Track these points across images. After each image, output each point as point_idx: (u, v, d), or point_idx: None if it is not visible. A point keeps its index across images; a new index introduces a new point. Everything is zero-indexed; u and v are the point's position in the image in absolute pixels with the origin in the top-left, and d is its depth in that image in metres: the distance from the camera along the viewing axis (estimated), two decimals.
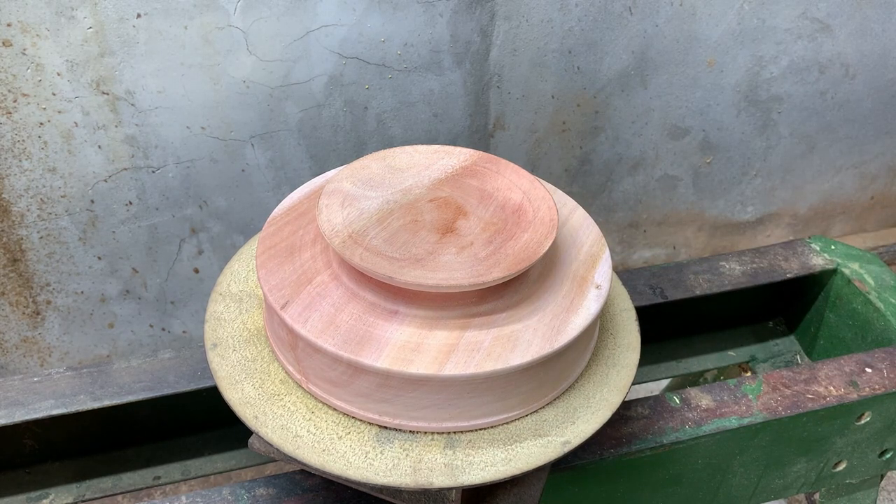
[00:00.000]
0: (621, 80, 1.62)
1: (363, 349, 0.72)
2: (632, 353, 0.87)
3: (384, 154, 0.88)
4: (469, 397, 0.73)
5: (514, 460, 0.74)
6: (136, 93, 1.34)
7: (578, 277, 0.81)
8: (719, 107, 1.72)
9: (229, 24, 1.32)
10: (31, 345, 1.57)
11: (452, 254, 0.75)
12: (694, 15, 1.57)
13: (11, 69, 1.26)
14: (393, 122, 1.52)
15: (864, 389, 0.99)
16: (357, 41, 1.40)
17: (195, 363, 0.99)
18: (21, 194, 1.38)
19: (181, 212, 1.49)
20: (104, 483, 1.05)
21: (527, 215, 0.81)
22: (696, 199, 1.88)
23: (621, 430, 0.92)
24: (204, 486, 1.49)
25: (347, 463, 0.72)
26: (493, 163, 0.88)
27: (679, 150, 1.77)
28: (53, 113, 1.32)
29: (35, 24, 1.23)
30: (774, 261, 1.23)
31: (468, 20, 1.44)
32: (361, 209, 0.80)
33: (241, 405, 0.77)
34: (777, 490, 1.06)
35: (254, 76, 1.38)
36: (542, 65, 1.55)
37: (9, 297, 1.49)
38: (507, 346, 0.73)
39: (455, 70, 1.49)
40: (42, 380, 0.97)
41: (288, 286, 0.77)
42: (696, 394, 0.98)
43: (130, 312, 1.59)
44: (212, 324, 0.84)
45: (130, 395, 0.96)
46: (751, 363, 1.31)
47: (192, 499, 0.84)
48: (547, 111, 1.61)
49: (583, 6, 1.49)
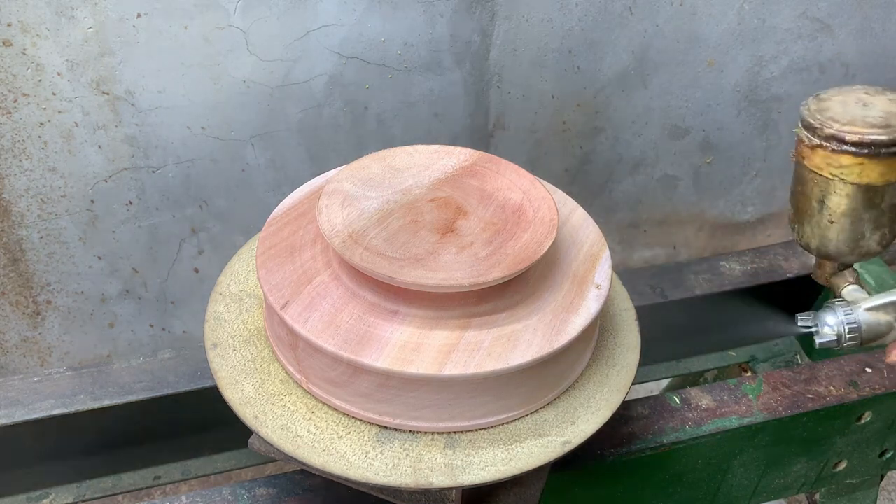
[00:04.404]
0: (621, 79, 1.62)
1: (363, 349, 0.72)
2: (632, 353, 0.87)
3: (384, 154, 0.88)
4: (469, 397, 0.73)
5: (514, 460, 0.74)
6: (136, 93, 1.34)
7: (578, 277, 0.81)
8: (719, 107, 1.72)
9: (229, 23, 1.32)
10: (31, 345, 1.57)
11: (452, 254, 0.75)
12: (694, 15, 1.57)
13: (11, 69, 1.26)
14: (393, 122, 1.52)
15: (864, 389, 0.99)
16: (357, 41, 1.40)
17: (195, 363, 0.99)
18: (21, 194, 1.38)
19: (181, 212, 1.49)
20: (104, 483, 1.05)
21: (527, 215, 0.81)
22: (696, 199, 1.88)
23: (621, 430, 0.92)
24: (204, 486, 1.49)
25: (347, 463, 0.72)
26: (494, 163, 0.88)
27: (679, 150, 1.77)
28: (53, 113, 1.32)
29: (35, 24, 1.23)
30: (774, 261, 1.23)
31: (468, 20, 1.44)
32: (361, 209, 0.80)
33: (241, 405, 0.77)
34: (777, 490, 1.06)
35: (254, 76, 1.38)
36: (542, 65, 1.55)
37: (9, 297, 1.49)
38: (508, 346, 0.73)
39: (455, 70, 1.49)
40: (42, 380, 0.97)
41: (288, 286, 0.77)
42: (696, 394, 0.98)
43: (130, 312, 1.59)
44: (212, 324, 0.84)
45: (130, 395, 0.96)
46: (751, 363, 1.31)
47: (192, 499, 0.84)
48: (547, 111, 1.61)
49: (583, 6, 1.49)
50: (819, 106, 0.70)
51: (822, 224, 0.72)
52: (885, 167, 0.67)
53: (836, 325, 0.72)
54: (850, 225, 0.71)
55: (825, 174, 0.69)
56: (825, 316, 0.73)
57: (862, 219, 0.70)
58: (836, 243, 0.73)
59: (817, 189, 0.71)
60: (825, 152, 0.69)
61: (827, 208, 0.71)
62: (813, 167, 0.70)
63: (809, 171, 0.71)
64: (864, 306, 0.71)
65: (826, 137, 0.68)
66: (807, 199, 0.72)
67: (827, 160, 0.69)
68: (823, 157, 0.69)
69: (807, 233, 0.74)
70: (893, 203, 0.70)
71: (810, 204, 0.72)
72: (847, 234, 0.71)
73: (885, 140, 0.66)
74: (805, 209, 0.73)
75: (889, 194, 0.69)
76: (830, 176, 0.69)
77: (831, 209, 0.70)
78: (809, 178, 0.71)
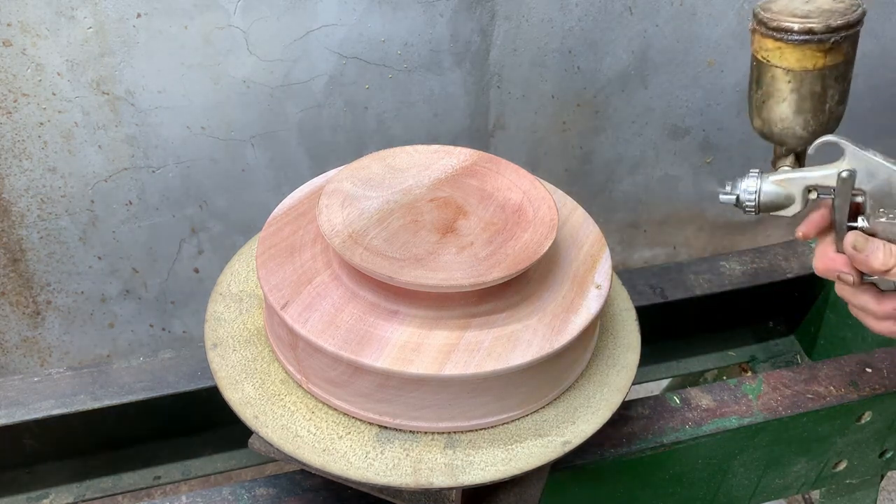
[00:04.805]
0: (621, 79, 1.62)
1: (363, 349, 0.72)
2: (632, 353, 0.87)
3: (384, 154, 0.88)
4: (469, 397, 0.74)
5: (514, 460, 0.74)
6: (136, 93, 1.34)
7: (578, 277, 0.81)
8: (719, 107, 1.72)
9: (229, 23, 1.32)
10: (31, 345, 1.57)
11: (452, 254, 0.75)
12: (694, 15, 1.57)
13: (11, 69, 1.26)
14: (393, 122, 1.52)
15: (865, 389, 0.99)
16: (357, 41, 1.40)
17: (195, 363, 0.99)
18: (21, 194, 1.38)
19: (181, 212, 1.49)
20: (104, 483, 1.05)
21: (527, 215, 0.81)
22: (696, 199, 1.88)
23: (621, 430, 0.92)
24: (204, 486, 1.49)
25: (348, 463, 0.72)
26: (494, 163, 0.88)
27: (679, 150, 1.77)
28: (53, 113, 1.32)
29: (35, 24, 1.23)
30: (774, 261, 1.23)
31: (468, 20, 1.44)
32: (362, 209, 0.80)
33: (241, 405, 0.77)
34: (777, 490, 1.06)
35: (254, 76, 1.38)
36: (542, 65, 1.55)
37: (9, 297, 1.49)
38: (507, 346, 0.73)
39: (455, 70, 1.49)
40: (42, 380, 0.97)
41: (288, 286, 0.77)
42: (696, 394, 0.98)
43: (130, 312, 1.59)
44: (212, 324, 0.84)
45: (130, 395, 0.96)
46: (751, 363, 1.31)
47: (192, 499, 0.84)
48: (547, 111, 1.61)
49: (583, 6, 1.49)
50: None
51: (757, 104, 0.81)
52: (801, 54, 0.75)
53: (740, 190, 0.79)
54: (776, 105, 0.79)
55: (759, 57, 0.78)
56: (737, 181, 0.80)
57: (785, 100, 0.78)
58: (768, 123, 0.81)
59: (755, 71, 0.79)
60: (758, 36, 0.77)
61: (760, 89, 0.79)
62: (753, 51, 0.79)
63: (752, 55, 0.79)
64: (771, 178, 0.78)
65: (759, 22, 0.76)
66: (750, 81, 0.81)
67: (759, 44, 0.77)
68: (758, 41, 0.77)
69: (751, 114, 0.82)
70: (814, 91, 0.77)
71: (752, 86, 0.81)
72: (774, 114, 0.80)
73: (798, 28, 0.74)
74: (750, 91, 0.82)
75: (808, 81, 0.76)
76: (762, 59, 0.77)
77: (763, 90, 0.79)
78: (751, 61, 0.80)
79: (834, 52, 0.75)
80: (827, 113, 0.79)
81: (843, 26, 0.74)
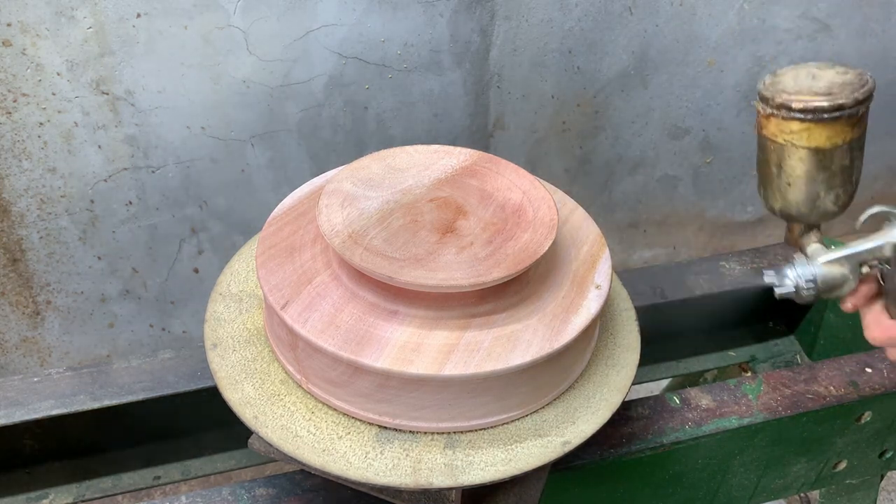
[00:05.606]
0: (621, 80, 1.62)
1: (363, 349, 0.72)
2: (632, 353, 0.87)
3: (384, 154, 0.88)
4: (469, 397, 0.73)
5: (514, 460, 0.74)
6: (136, 93, 1.34)
7: (578, 277, 0.81)
8: (719, 107, 1.72)
9: (229, 23, 1.32)
10: (31, 345, 1.57)
11: (452, 254, 0.75)
12: (694, 15, 1.57)
13: (11, 69, 1.26)
14: (393, 122, 1.52)
15: (864, 389, 0.99)
16: (357, 41, 1.40)
17: (195, 363, 0.99)
18: (21, 194, 1.38)
19: (181, 212, 1.49)
20: (104, 483, 1.05)
21: (527, 215, 0.81)
22: (696, 199, 1.88)
23: (621, 430, 0.92)
24: (204, 486, 1.49)
25: (347, 463, 0.72)
26: (493, 163, 0.88)
27: (679, 150, 1.77)
28: (53, 113, 1.32)
29: (35, 24, 1.23)
30: (774, 261, 1.23)
31: (468, 20, 1.44)
32: (361, 209, 0.80)
33: (241, 405, 0.77)
34: (777, 490, 1.06)
35: (254, 76, 1.38)
36: (542, 65, 1.55)
37: (9, 297, 1.49)
38: (507, 346, 0.73)
39: (455, 70, 1.49)
40: (42, 380, 0.97)
41: (288, 286, 0.77)
42: (696, 394, 0.98)
43: (130, 312, 1.59)
44: (212, 324, 0.84)
45: (130, 395, 0.96)
46: (751, 363, 1.31)
47: (192, 499, 0.84)
48: (547, 111, 1.62)
49: (583, 6, 1.49)
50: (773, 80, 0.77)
51: (781, 187, 0.78)
52: (831, 131, 0.74)
53: (795, 278, 0.78)
54: (805, 186, 0.77)
55: (779, 140, 0.75)
56: (786, 270, 0.78)
57: (815, 180, 0.76)
58: (795, 205, 0.79)
59: (774, 155, 0.77)
60: (777, 120, 0.75)
61: (784, 172, 0.77)
62: (769, 135, 0.76)
63: (767, 139, 0.77)
64: (821, 260, 0.77)
65: (777, 106, 0.74)
66: (767, 164, 0.78)
67: (780, 127, 0.75)
68: (776, 124, 0.75)
69: (770, 196, 0.80)
70: (844, 165, 0.76)
71: (770, 169, 0.78)
72: (804, 195, 0.77)
73: (827, 106, 0.72)
74: (767, 174, 0.79)
75: (838, 157, 0.75)
76: (784, 142, 0.75)
77: (787, 173, 0.77)
78: (767, 145, 0.77)
79: (861, 124, 0.75)
80: (854, 184, 0.78)
81: (866, 97, 0.74)
